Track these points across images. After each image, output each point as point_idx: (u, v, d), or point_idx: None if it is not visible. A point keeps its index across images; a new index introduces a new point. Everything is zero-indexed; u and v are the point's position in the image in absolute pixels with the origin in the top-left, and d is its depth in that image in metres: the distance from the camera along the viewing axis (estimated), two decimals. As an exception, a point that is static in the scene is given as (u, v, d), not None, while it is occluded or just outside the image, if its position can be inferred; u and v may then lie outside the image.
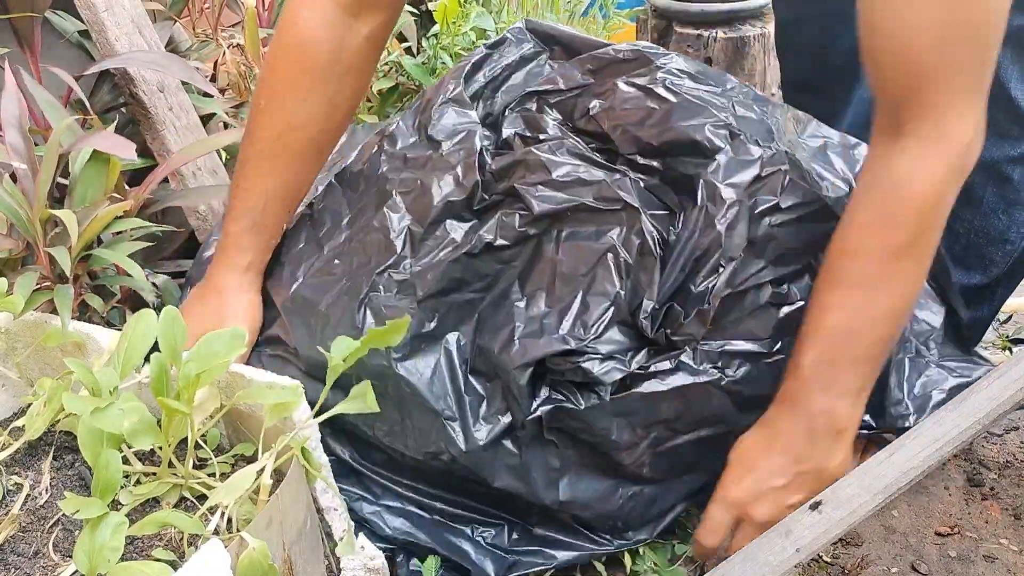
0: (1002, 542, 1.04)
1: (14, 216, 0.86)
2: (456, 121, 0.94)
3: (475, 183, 0.89)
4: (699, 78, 0.94)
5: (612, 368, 0.85)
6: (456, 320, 0.91)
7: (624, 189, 0.88)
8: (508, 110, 0.98)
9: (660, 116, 0.90)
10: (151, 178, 1.00)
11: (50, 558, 0.67)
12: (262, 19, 1.37)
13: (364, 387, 0.70)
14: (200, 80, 1.06)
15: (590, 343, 0.85)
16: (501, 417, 0.89)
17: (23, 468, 0.76)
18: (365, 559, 0.79)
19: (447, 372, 0.89)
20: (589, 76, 0.96)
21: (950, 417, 0.85)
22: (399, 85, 1.59)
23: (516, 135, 0.94)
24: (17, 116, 0.90)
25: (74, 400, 0.65)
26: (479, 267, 0.90)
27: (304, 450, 0.72)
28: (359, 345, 0.69)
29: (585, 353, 0.85)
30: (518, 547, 0.94)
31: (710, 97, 0.91)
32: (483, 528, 0.95)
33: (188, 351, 0.69)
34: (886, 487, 0.81)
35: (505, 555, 0.93)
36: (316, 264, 0.95)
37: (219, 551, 0.59)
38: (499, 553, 0.93)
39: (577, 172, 0.89)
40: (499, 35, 1.03)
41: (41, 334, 0.82)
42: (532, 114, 0.96)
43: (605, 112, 0.92)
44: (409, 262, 0.89)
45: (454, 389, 0.89)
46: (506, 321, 0.89)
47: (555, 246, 0.90)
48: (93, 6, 1.05)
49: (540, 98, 0.97)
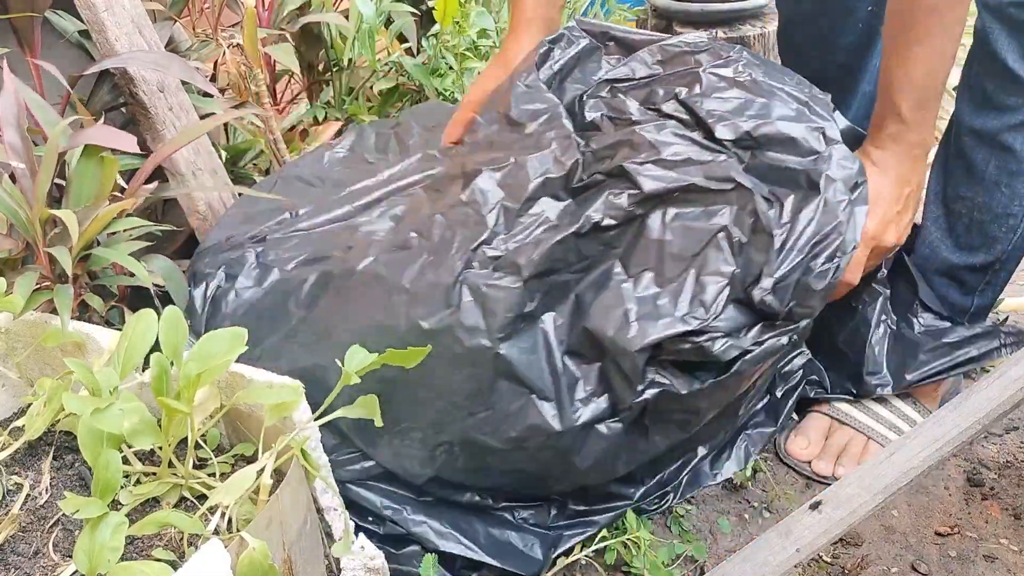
0: (1002, 542, 1.04)
1: (13, 216, 0.86)
2: (536, 105, 0.95)
3: (575, 161, 0.90)
4: (772, 72, 0.97)
5: (729, 345, 0.86)
6: (552, 301, 0.90)
7: (734, 170, 0.89)
8: (586, 96, 0.98)
9: (759, 108, 0.92)
10: (143, 170, 1.00)
11: (50, 558, 0.67)
12: (262, 19, 1.37)
13: (371, 399, 0.71)
14: (200, 80, 1.06)
15: (711, 323, 0.86)
16: (597, 399, 0.89)
17: (23, 468, 0.76)
18: (365, 559, 0.79)
19: (544, 353, 0.89)
20: (658, 66, 0.98)
21: (950, 417, 0.85)
22: (399, 85, 1.59)
23: (605, 117, 0.95)
24: (16, 116, 0.90)
25: (74, 400, 0.65)
26: (583, 247, 0.90)
27: (304, 450, 0.72)
28: (375, 359, 0.69)
29: (705, 332, 0.85)
30: (559, 522, 0.95)
31: (796, 92, 0.94)
32: (522, 511, 0.95)
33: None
34: (886, 487, 0.81)
35: (548, 531, 0.94)
36: (386, 239, 0.95)
37: (219, 551, 0.59)
38: (543, 531, 0.94)
39: (688, 151, 0.90)
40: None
41: (41, 334, 0.82)
42: (616, 99, 0.96)
43: (698, 97, 0.93)
44: (503, 238, 0.89)
45: (551, 370, 0.89)
46: (615, 302, 0.88)
47: (661, 226, 0.90)
48: (93, 6, 1.05)
49: (613, 86, 0.98)
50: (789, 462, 1.16)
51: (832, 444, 1.15)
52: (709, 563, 1.01)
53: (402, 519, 0.91)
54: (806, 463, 1.15)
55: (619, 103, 0.95)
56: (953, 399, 0.89)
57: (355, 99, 1.57)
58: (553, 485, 0.95)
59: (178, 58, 1.08)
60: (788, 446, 1.17)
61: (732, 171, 0.89)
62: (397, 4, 1.50)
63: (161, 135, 1.12)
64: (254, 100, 1.30)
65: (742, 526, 1.07)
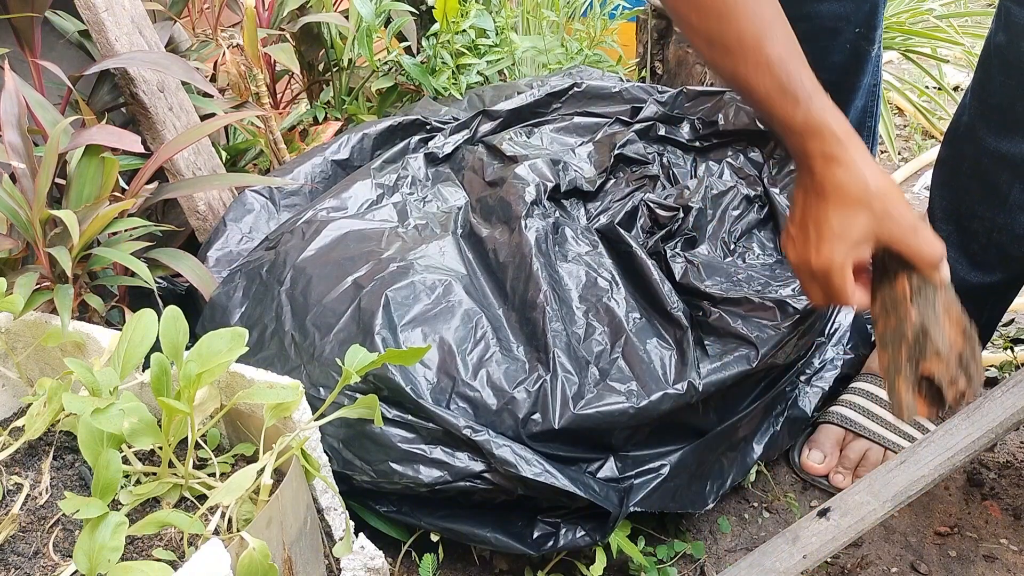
0: (1002, 542, 1.04)
1: (13, 216, 0.86)
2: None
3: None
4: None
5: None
6: None
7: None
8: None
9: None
10: (146, 170, 1.00)
11: (50, 558, 0.67)
12: (262, 19, 1.37)
13: (371, 399, 0.72)
14: (200, 80, 1.06)
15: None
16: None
17: (23, 468, 0.76)
18: (365, 559, 0.79)
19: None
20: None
21: (962, 426, 0.84)
22: (398, 85, 1.59)
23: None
24: (16, 115, 0.90)
25: (74, 400, 0.65)
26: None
27: (304, 450, 0.72)
28: (375, 359, 0.69)
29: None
30: (626, 473, 0.95)
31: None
32: (590, 464, 0.95)
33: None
34: (895, 495, 0.80)
35: (619, 483, 0.94)
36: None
37: (219, 551, 0.59)
38: (614, 484, 0.94)
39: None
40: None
41: (41, 334, 0.82)
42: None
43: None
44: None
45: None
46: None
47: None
48: (93, 6, 1.05)
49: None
50: (806, 477, 1.14)
51: (848, 456, 1.13)
52: (708, 562, 1.02)
53: (483, 440, 0.87)
54: (823, 477, 1.13)
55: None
56: (965, 408, 0.87)
57: (355, 99, 1.57)
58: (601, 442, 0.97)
59: (178, 58, 1.08)
60: (803, 461, 1.14)
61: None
62: (396, 4, 1.50)
63: (161, 135, 1.12)
64: (254, 100, 1.30)
65: (742, 526, 1.07)
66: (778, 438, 1.10)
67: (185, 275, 0.97)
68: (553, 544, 0.91)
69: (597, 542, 0.92)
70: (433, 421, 0.87)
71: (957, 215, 1.10)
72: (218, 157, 1.22)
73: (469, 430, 0.86)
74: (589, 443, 0.93)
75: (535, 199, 1.07)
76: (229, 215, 1.14)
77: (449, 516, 0.93)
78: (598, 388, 0.91)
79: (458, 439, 0.87)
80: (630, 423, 0.91)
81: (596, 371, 0.94)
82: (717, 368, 0.94)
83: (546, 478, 0.86)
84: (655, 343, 0.96)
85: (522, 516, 0.94)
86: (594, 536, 0.91)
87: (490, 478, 0.87)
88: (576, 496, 0.87)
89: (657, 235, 1.09)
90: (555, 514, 0.93)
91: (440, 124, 1.33)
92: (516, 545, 0.91)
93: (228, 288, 1.03)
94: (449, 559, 1.00)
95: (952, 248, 1.11)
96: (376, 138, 1.28)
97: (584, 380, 0.92)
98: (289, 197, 1.18)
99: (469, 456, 0.87)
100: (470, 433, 0.86)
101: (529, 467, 0.86)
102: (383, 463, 0.88)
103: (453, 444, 0.88)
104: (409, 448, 0.87)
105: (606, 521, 0.91)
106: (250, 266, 1.05)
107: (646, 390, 0.91)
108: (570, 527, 0.92)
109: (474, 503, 0.93)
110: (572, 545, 0.91)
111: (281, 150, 1.34)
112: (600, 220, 1.11)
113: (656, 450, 0.97)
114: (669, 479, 0.96)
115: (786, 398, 1.13)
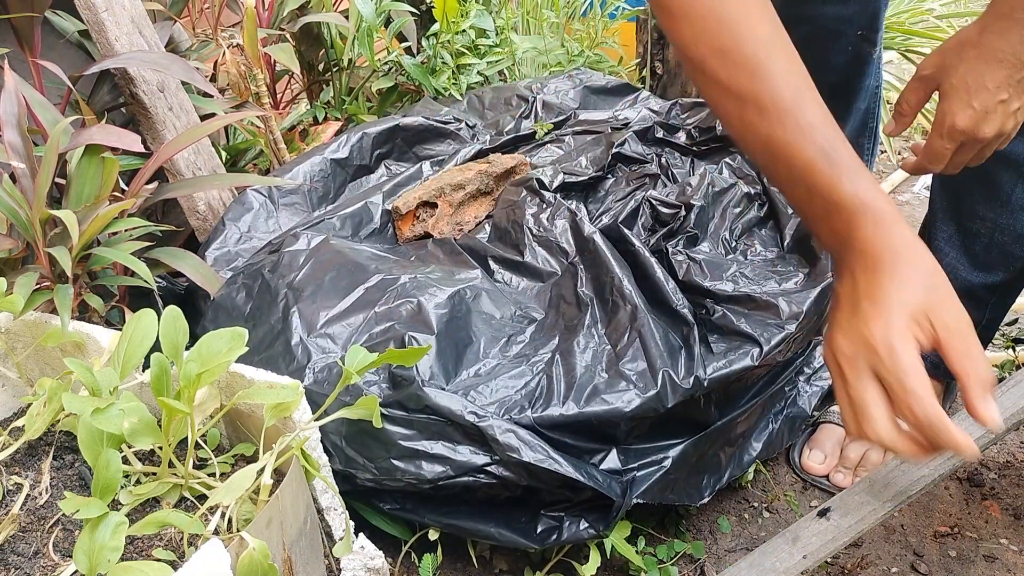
0: (1002, 542, 1.04)
1: (13, 216, 0.86)
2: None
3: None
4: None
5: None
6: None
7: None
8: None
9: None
10: (146, 170, 1.00)
11: (50, 558, 0.67)
12: (262, 19, 1.37)
13: (371, 399, 0.72)
14: (200, 80, 1.06)
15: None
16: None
17: (23, 468, 0.76)
18: (365, 559, 0.79)
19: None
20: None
21: (962, 426, 0.84)
22: (398, 85, 1.59)
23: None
24: (16, 115, 0.90)
25: (74, 400, 0.65)
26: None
27: (304, 450, 0.72)
28: (375, 358, 0.69)
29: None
30: (628, 465, 0.96)
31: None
32: (593, 456, 0.95)
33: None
34: (895, 495, 0.80)
35: (621, 475, 0.95)
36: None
37: (219, 551, 0.59)
38: (616, 476, 0.95)
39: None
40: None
41: (41, 334, 0.82)
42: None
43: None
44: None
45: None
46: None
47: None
48: (93, 6, 1.05)
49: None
50: (806, 477, 1.15)
51: (849, 456, 1.14)
52: (708, 562, 1.02)
53: (486, 425, 0.87)
54: (824, 477, 1.14)
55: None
56: (965, 408, 0.87)
57: (355, 99, 1.57)
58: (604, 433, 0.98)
59: (178, 58, 1.08)
60: (804, 462, 1.15)
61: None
62: (397, 4, 1.50)
63: (161, 135, 1.12)
64: (254, 100, 1.30)
65: (742, 526, 1.07)
66: (777, 436, 1.10)
67: (188, 274, 0.97)
68: (557, 537, 0.92)
69: (600, 534, 0.92)
70: (435, 410, 0.87)
71: (958, 215, 1.10)
72: (218, 157, 1.22)
73: (473, 416, 0.86)
74: (593, 435, 0.93)
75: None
76: (228, 215, 1.14)
77: (453, 512, 0.94)
78: (606, 380, 0.92)
79: (460, 429, 0.87)
80: (635, 415, 0.91)
81: (604, 364, 0.94)
82: (722, 365, 0.94)
83: (550, 464, 0.86)
84: (663, 338, 0.96)
85: (526, 511, 0.94)
86: (597, 527, 0.91)
87: (493, 471, 0.87)
88: (579, 484, 0.87)
89: (659, 233, 1.09)
90: (558, 508, 0.93)
91: (441, 123, 1.33)
92: (520, 540, 0.91)
93: (231, 289, 1.04)
94: (448, 559, 1.00)
95: (954, 248, 1.11)
96: (376, 138, 1.29)
97: (593, 372, 0.93)
98: (288, 196, 1.18)
99: (471, 450, 0.87)
100: (474, 419, 0.85)
101: (532, 453, 0.86)
102: (385, 460, 0.88)
103: (455, 438, 0.88)
104: (410, 444, 0.87)
105: (608, 513, 0.91)
106: (254, 267, 1.06)
107: (654, 384, 0.91)
108: (573, 520, 0.92)
109: (478, 499, 0.93)
110: (576, 538, 0.91)
111: (281, 150, 1.34)
112: (603, 220, 1.12)
113: (658, 443, 0.97)
114: (671, 472, 0.96)
115: (786, 397, 1.13)
